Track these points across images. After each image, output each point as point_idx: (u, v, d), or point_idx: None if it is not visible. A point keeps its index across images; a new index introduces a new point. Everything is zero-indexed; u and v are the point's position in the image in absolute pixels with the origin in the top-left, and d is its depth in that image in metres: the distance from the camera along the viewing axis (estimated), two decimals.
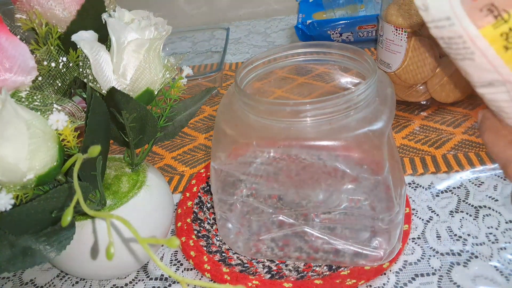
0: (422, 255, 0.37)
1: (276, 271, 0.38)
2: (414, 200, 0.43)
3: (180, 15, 1.14)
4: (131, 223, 0.21)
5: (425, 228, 0.40)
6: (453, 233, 0.39)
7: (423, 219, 0.41)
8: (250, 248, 0.39)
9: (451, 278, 0.35)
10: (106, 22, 0.33)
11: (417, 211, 0.42)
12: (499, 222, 0.39)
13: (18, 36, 0.32)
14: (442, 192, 0.44)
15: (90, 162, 0.31)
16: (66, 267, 0.37)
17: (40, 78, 0.31)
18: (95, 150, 0.23)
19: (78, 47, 0.33)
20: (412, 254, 0.37)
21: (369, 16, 0.76)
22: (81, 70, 0.34)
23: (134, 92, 0.35)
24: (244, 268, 0.38)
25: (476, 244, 0.37)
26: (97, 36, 0.34)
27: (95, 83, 0.34)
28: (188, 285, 0.20)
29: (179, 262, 0.41)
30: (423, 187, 0.45)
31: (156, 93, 0.37)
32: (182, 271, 0.40)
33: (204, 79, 0.68)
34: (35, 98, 0.30)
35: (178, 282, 0.39)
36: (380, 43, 0.55)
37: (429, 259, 0.37)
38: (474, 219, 0.40)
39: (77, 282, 0.41)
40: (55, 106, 0.31)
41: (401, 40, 0.50)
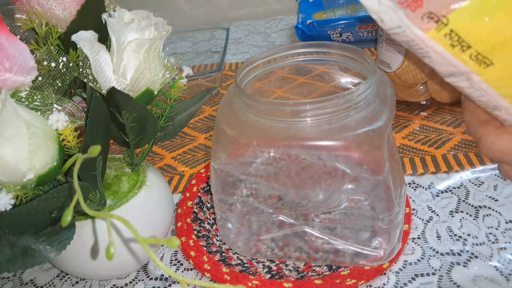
0: (422, 255, 0.37)
1: (276, 271, 0.38)
2: (414, 200, 0.43)
3: (180, 15, 1.14)
4: (131, 223, 0.21)
5: (425, 228, 0.40)
6: (453, 233, 0.39)
7: (423, 219, 0.41)
8: (250, 248, 0.39)
9: (451, 278, 0.35)
10: (106, 22, 0.33)
11: (417, 211, 0.42)
12: (499, 222, 0.39)
13: (18, 36, 0.32)
14: (442, 192, 0.44)
15: (90, 162, 0.31)
16: (66, 267, 0.37)
17: (40, 78, 0.31)
18: (95, 150, 0.23)
19: (78, 47, 0.33)
20: (412, 254, 0.37)
21: (369, 16, 0.75)
22: (81, 70, 0.34)
23: (134, 92, 0.35)
24: (244, 268, 0.38)
25: (476, 244, 0.37)
26: (97, 36, 0.34)
27: (95, 83, 0.34)
28: (188, 285, 0.20)
29: (179, 262, 0.41)
30: (423, 187, 0.45)
31: (156, 93, 0.37)
32: (182, 271, 0.40)
33: (204, 79, 0.68)
34: (35, 98, 0.30)
35: (178, 282, 0.39)
36: (380, 43, 0.55)
37: (429, 259, 0.37)
38: (474, 219, 0.40)
39: (77, 282, 0.41)
40: (55, 106, 0.31)
41: None
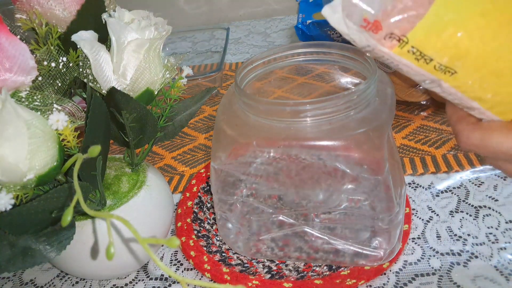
0: (422, 255, 0.37)
1: (276, 271, 0.38)
2: (414, 200, 0.43)
3: (180, 15, 1.14)
4: (131, 223, 0.21)
5: (425, 228, 0.40)
6: (453, 233, 0.39)
7: (423, 219, 0.41)
8: (250, 248, 0.39)
9: (451, 278, 0.35)
10: (106, 22, 0.33)
11: (417, 211, 0.42)
12: (499, 222, 0.39)
13: (18, 36, 0.32)
14: (442, 192, 0.44)
15: (90, 162, 0.31)
16: (66, 267, 0.37)
17: (40, 78, 0.31)
18: (95, 150, 0.23)
19: (78, 47, 0.33)
20: (412, 254, 0.37)
21: None
22: (81, 70, 0.34)
23: (134, 92, 0.35)
24: (244, 268, 0.38)
25: (476, 244, 0.37)
26: (97, 36, 0.34)
27: (95, 83, 0.34)
28: (188, 285, 0.20)
29: (179, 262, 0.41)
30: (423, 187, 0.45)
31: (156, 93, 0.37)
32: (182, 271, 0.40)
33: (204, 79, 0.68)
34: (35, 98, 0.30)
35: (178, 282, 0.39)
36: None
37: (429, 259, 0.37)
38: (474, 219, 0.40)
39: (77, 282, 0.41)
40: (55, 106, 0.31)
41: None
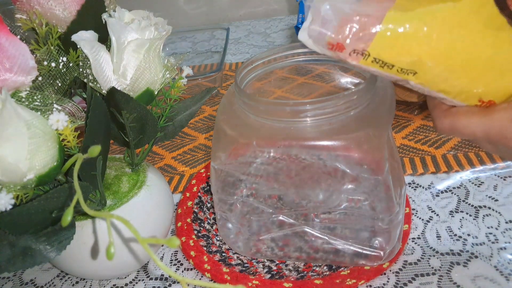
0: (422, 255, 0.37)
1: (276, 271, 0.38)
2: (414, 200, 0.43)
3: (180, 15, 1.14)
4: (131, 223, 0.21)
5: (425, 228, 0.40)
6: (453, 233, 0.39)
7: (423, 219, 0.41)
8: (250, 248, 0.39)
9: (451, 278, 0.35)
10: (106, 22, 0.33)
11: (417, 211, 0.42)
12: (499, 222, 0.39)
13: (18, 36, 0.32)
14: (442, 192, 0.44)
15: (90, 162, 0.31)
16: (66, 267, 0.37)
17: (40, 78, 0.31)
18: (95, 150, 0.23)
19: (78, 47, 0.33)
20: (412, 254, 0.37)
21: None
22: (81, 70, 0.34)
23: (134, 92, 0.35)
24: (244, 268, 0.38)
25: (476, 244, 0.37)
26: (97, 36, 0.34)
27: (95, 83, 0.34)
28: (188, 285, 0.20)
29: (179, 262, 0.41)
30: (423, 187, 0.45)
31: (156, 93, 0.37)
32: (182, 271, 0.40)
33: (204, 79, 0.68)
34: (35, 98, 0.30)
35: (178, 282, 0.39)
36: None
37: (429, 259, 0.37)
38: (474, 219, 0.40)
39: (77, 282, 0.41)
40: (55, 106, 0.31)
41: None
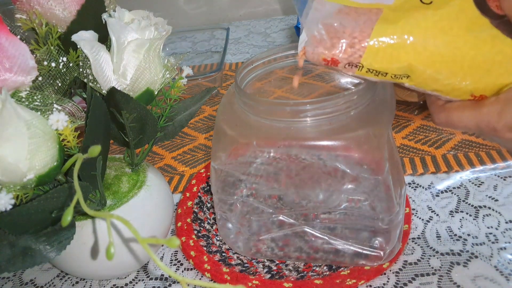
0: (422, 255, 0.37)
1: (276, 271, 0.38)
2: (414, 200, 0.43)
3: (180, 15, 1.14)
4: (131, 223, 0.21)
5: (425, 228, 0.40)
6: (453, 233, 0.39)
7: (423, 219, 0.41)
8: (250, 248, 0.39)
9: (451, 278, 0.35)
10: (106, 22, 0.33)
11: (417, 211, 0.42)
12: (499, 222, 0.39)
13: (18, 36, 0.32)
14: (442, 192, 0.44)
15: (90, 162, 0.31)
16: (66, 267, 0.37)
17: (40, 78, 0.31)
18: (95, 150, 0.23)
19: (78, 47, 0.33)
20: (412, 254, 0.37)
21: None
22: (81, 70, 0.34)
23: (134, 92, 0.35)
24: (244, 268, 0.38)
25: (476, 244, 0.37)
26: (97, 36, 0.34)
27: (95, 83, 0.34)
28: (188, 285, 0.20)
29: (179, 262, 0.41)
30: (423, 187, 0.45)
31: (156, 93, 0.37)
32: (182, 271, 0.40)
33: (204, 79, 0.68)
34: (35, 98, 0.30)
35: (178, 282, 0.39)
36: None
37: (429, 259, 0.37)
38: (474, 219, 0.40)
39: (77, 282, 0.41)
40: (55, 106, 0.31)
41: None
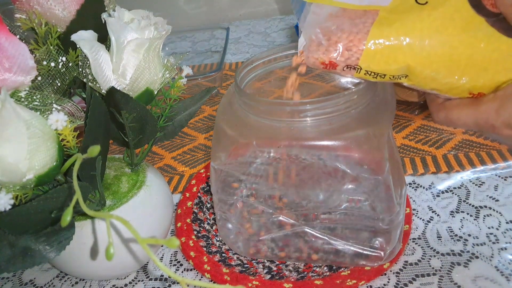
0: (422, 256, 0.37)
1: (276, 271, 0.38)
2: (414, 200, 0.43)
3: (180, 15, 1.14)
4: (130, 223, 0.21)
5: (425, 228, 0.40)
6: (453, 233, 0.39)
7: (423, 219, 0.41)
8: (250, 248, 0.39)
9: (452, 279, 0.35)
10: (105, 21, 0.33)
11: (417, 211, 0.42)
12: (499, 222, 0.39)
13: (18, 36, 0.32)
14: (443, 192, 0.44)
15: (90, 162, 0.31)
16: (66, 267, 0.37)
17: (39, 78, 0.31)
18: (94, 150, 0.23)
19: (78, 47, 0.33)
20: (412, 254, 0.37)
21: None
22: (80, 70, 0.33)
23: (134, 92, 0.35)
24: (244, 269, 0.38)
25: (477, 245, 0.37)
26: (96, 36, 0.34)
27: (95, 83, 0.34)
28: (188, 285, 0.20)
29: (179, 262, 0.41)
30: (423, 187, 0.45)
31: (156, 93, 0.37)
32: (182, 272, 0.40)
33: (204, 79, 0.68)
34: (35, 98, 0.30)
35: (178, 283, 0.39)
36: None
37: (429, 259, 0.37)
38: (474, 219, 0.40)
39: (76, 283, 0.41)
40: (54, 106, 0.31)
41: None
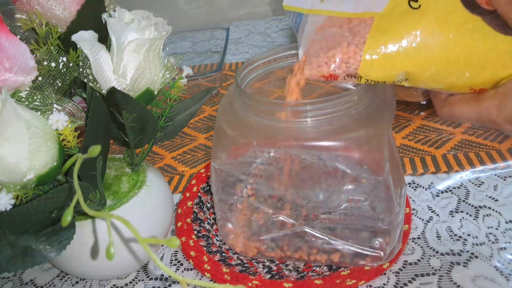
0: (422, 255, 0.37)
1: (276, 271, 0.38)
2: (414, 200, 0.43)
3: (180, 15, 1.14)
4: (131, 223, 0.21)
5: (425, 228, 0.40)
6: (453, 233, 0.39)
7: (423, 219, 0.41)
8: (250, 248, 0.39)
9: (451, 278, 0.35)
10: (106, 22, 0.33)
11: (417, 211, 0.42)
12: (499, 222, 0.39)
13: (18, 36, 0.32)
14: (442, 192, 0.44)
15: (90, 162, 0.31)
16: (66, 267, 0.37)
17: (40, 78, 0.31)
18: (95, 150, 0.23)
19: (78, 47, 0.33)
20: (412, 254, 0.37)
21: None
22: (81, 70, 0.34)
23: (134, 92, 0.35)
24: (244, 268, 0.38)
25: (476, 244, 0.37)
26: (97, 36, 0.34)
27: (95, 83, 0.34)
28: (188, 285, 0.20)
29: (179, 262, 0.41)
30: (423, 187, 0.45)
31: (156, 93, 0.37)
32: (182, 271, 0.40)
33: (204, 79, 0.68)
34: (35, 98, 0.30)
35: (178, 282, 0.39)
36: None
37: (429, 259, 0.37)
38: (474, 219, 0.40)
39: (77, 282, 0.41)
40: (55, 106, 0.31)
41: None
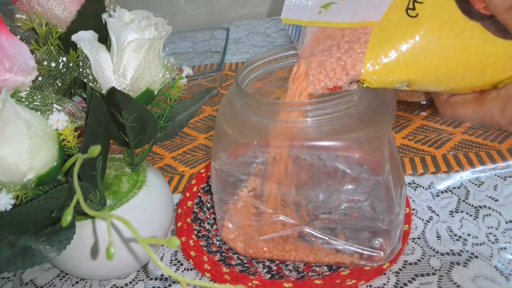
0: (422, 255, 0.37)
1: (276, 271, 0.38)
2: (414, 200, 0.43)
3: (180, 15, 1.14)
4: (131, 223, 0.21)
5: (425, 228, 0.40)
6: (453, 233, 0.39)
7: (423, 219, 0.41)
8: (250, 248, 0.39)
9: (451, 278, 0.35)
10: (106, 22, 0.33)
11: (417, 211, 0.42)
12: (499, 222, 0.39)
13: (18, 36, 0.32)
14: (442, 192, 0.44)
15: (90, 162, 0.31)
16: (66, 267, 0.37)
17: (40, 78, 0.31)
18: (95, 150, 0.23)
19: (78, 47, 0.33)
20: (412, 254, 0.37)
21: None
22: (81, 70, 0.34)
23: (134, 92, 0.35)
24: (244, 268, 0.38)
25: (476, 244, 0.37)
26: (97, 36, 0.34)
27: (95, 83, 0.34)
28: (188, 285, 0.20)
29: (179, 262, 0.41)
30: (423, 187, 0.45)
31: (156, 93, 0.37)
32: (182, 271, 0.40)
33: (204, 79, 0.68)
34: (35, 98, 0.30)
35: (178, 282, 0.39)
36: None
37: (429, 259, 0.37)
38: (474, 219, 0.40)
39: (77, 282, 0.41)
40: (55, 106, 0.31)
41: None
